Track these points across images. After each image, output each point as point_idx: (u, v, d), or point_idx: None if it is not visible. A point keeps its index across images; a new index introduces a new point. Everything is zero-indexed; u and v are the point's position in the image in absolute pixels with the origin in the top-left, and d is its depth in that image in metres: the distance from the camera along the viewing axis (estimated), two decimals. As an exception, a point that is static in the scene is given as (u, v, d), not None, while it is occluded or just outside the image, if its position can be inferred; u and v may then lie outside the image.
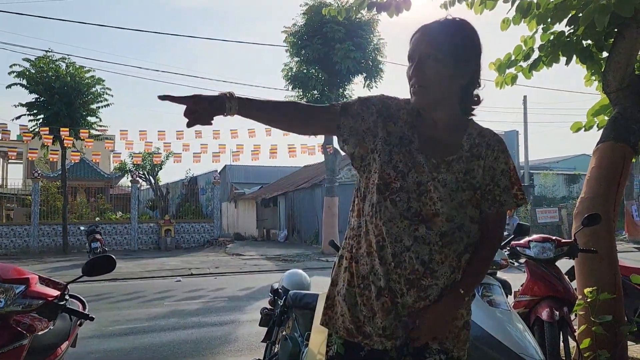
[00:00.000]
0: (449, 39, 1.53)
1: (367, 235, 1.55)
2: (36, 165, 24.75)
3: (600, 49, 3.86)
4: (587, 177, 3.69)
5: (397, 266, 1.49)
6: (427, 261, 1.48)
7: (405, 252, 1.48)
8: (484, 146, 1.58)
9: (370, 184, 1.55)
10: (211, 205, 23.47)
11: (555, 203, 23.05)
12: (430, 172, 1.52)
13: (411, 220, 1.49)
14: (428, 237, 1.48)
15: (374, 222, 1.52)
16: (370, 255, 1.53)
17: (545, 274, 3.39)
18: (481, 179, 1.56)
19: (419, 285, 1.49)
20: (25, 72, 18.35)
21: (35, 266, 14.09)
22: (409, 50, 1.58)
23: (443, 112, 1.58)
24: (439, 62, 1.50)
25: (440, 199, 1.49)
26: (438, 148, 1.56)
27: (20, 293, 2.01)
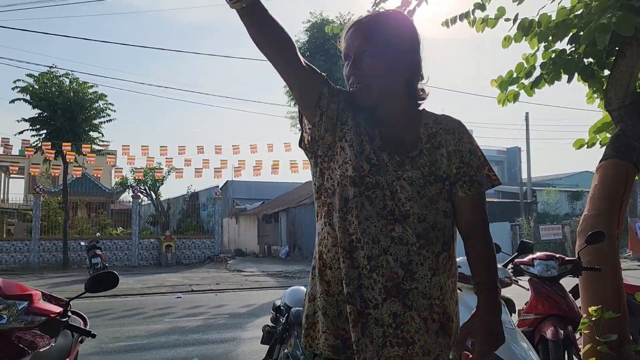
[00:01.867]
0: (382, 31, 1.46)
1: (336, 233, 1.42)
2: (38, 180, 24.79)
3: (602, 67, 3.89)
4: (590, 195, 3.68)
5: (373, 270, 1.37)
6: (406, 263, 1.38)
7: (382, 255, 1.37)
8: (442, 132, 1.50)
9: (340, 177, 1.43)
10: (212, 221, 23.44)
11: (558, 220, 22.98)
12: (395, 170, 1.43)
13: (387, 219, 1.39)
14: (405, 237, 1.38)
15: (347, 219, 1.40)
16: (337, 256, 1.42)
17: (549, 292, 3.37)
18: (447, 168, 1.47)
19: (399, 291, 1.37)
20: (29, 88, 18.49)
21: (35, 282, 14.02)
22: (344, 48, 1.50)
23: (393, 108, 1.50)
24: (374, 57, 1.44)
25: (408, 199, 1.40)
26: (399, 145, 1.48)
27: (23, 309, 2.00)
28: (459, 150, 1.48)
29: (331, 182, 1.46)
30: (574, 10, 3.65)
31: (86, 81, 19.32)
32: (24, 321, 2.00)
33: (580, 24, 3.57)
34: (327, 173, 1.47)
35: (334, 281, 1.43)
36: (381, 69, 1.44)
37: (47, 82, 18.70)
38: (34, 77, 18.59)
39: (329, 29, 4.80)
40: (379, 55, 1.44)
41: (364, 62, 1.45)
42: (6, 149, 18.28)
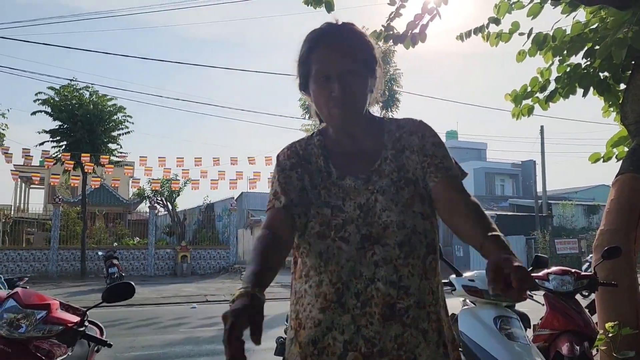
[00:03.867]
0: (360, 49, 1.43)
1: (319, 289, 1.35)
2: (57, 191, 25.17)
3: (618, 81, 3.87)
4: (606, 209, 3.65)
5: (365, 305, 1.31)
6: (396, 281, 1.31)
7: (370, 284, 1.31)
8: (406, 135, 1.47)
9: (309, 235, 1.38)
10: (227, 232, 23.55)
11: (574, 234, 22.66)
12: (365, 188, 1.39)
13: (364, 247, 1.33)
14: (387, 254, 1.32)
15: (330, 270, 1.34)
16: (326, 310, 1.33)
17: (564, 307, 3.34)
18: (414, 169, 1.43)
19: (395, 312, 1.31)
20: (50, 100, 18.85)
21: (53, 291, 14.18)
22: (319, 65, 1.40)
23: (360, 125, 1.47)
24: (358, 77, 1.40)
25: (384, 209, 1.36)
26: (360, 161, 1.44)
27: (41, 319, 2.04)
28: (423, 145, 1.45)
29: (303, 244, 1.41)
30: (589, 24, 3.66)
31: (105, 94, 19.67)
32: (42, 330, 2.05)
33: (596, 38, 3.57)
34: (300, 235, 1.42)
35: (304, 342, 1.35)
36: (363, 89, 1.41)
37: (68, 95, 19.05)
38: (55, 90, 18.96)
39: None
40: (359, 74, 1.41)
41: (348, 82, 1.38)
42: (27, 160, 18.61)
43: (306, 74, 1.46)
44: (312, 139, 1.54)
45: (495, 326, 2.97)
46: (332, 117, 1.43)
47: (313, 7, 4.00)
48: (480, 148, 40.09)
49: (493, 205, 28.30)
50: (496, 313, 3.07)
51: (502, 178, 38.68)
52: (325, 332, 1.33)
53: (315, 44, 1.43)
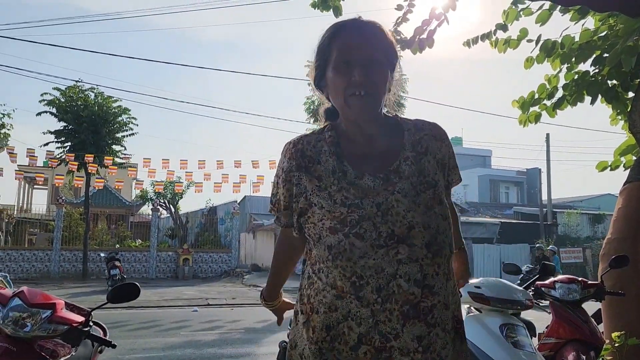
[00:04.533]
0: (383, 42, 1.41)
1: (330, 280, 1.33)
2: (60, 192, 25.23)
3: (626, 89, 3.85)
4: (613, 218, 3.63)
5: (386, 300, 1.28)
6: (421, 279, 1.29)
7: (392, 280, 1.28)
8: (428, 139, 1.45)
9: (319, 230, 1.36)
10: (230, 236, 23.54)
11: (579, 243, 22.56)
12: (384, 188, 1.35)
13: (388, 246, 1.29)
14: (414, 254, 1.30)
15: (339, 265, 1.31)
16: (342, 298, 1.31)
17: (571, 316, 3.31)
18: (436, 174, 1.42)
19: (419, 311, 1.29)
20: (55, 101, 18.92)
21: (55, 291, 14.20)
22: (341, 51, 1.38)
23: (376, 122, 1.44)
24: (380, 67, 1.38)
25: (408, 210, 1.32)
26: (377, 160, 1.41)
27: (47, 318, 2.03)
28: (446, 156, 1.47)
29: (313, 233, 1.39)
30: (598, 32, 3.65)
31: (111, 95, 19.73)
32: (47, 330, 2.04)
33: (605, 46, 3.56)
34: (310, 226, 1.40)
35: (318, 327, 1.34)
36: (385, 81, 1.39)
37: (73, 96, 19.12)
38: (61, 91, 19.03)
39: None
40: (385, 65, 1.39)
41: (374, 71, 1.36)
42: (31, 160, 18.66)
43: (324, 64, 1.42)
44: (322, 134, 1.47)
45: (502, 334, 2.95)
46: (351, 106, 1.37)
47: (320, 11, 4.00)
48: (485, 155, 40.06)
49: (497, 213, 28.22)
50: (502, 321, 3.05)
51: (506, 185, 38.61)
52: (340, 320, 1.31)
53: (339, 30, 1.40)
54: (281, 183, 1.45)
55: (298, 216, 1.43)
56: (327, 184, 1.38)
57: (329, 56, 1.40)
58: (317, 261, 1.38)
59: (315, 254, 1.37)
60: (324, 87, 1.47)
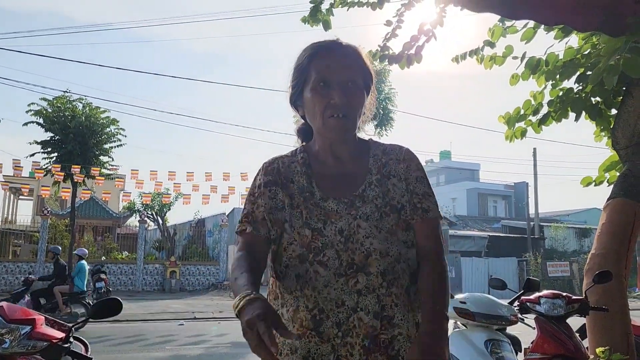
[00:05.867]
0: (360, 64, 1.42)
1: (295, 314, 1.30)
2: (46, 203, 24.93)
3: (609, 107, 3.91)
4: (597, 233, 3.66)
5: (347, 335, 1.25)
6: (379, 311, 1.27)
7: (352, 314, 1.26)
8: (393, 163, 1.44)
9: (288, 257, 1.34)
10: (218, 248, 23.37)
11: (566, 257, 22.72)
12: (348, 213, 1.34)
13: (347, 275, 1.28)
14: (370, 283, 1.27)
15: (305, 295, 1.29)
16: (301, 338, 1.28)
17: (555, 331, 3.32)
18: (400, 197, 1.39)
19: (379, 345, 1.26)
20: (42, 111, 18.76)
21: (38, 304, 13.96)
22: (320, 72, 1.36)
23: (348, 145, 1.44)
24: (357, 89, 1.38)
25: (367, 236, 1.31)
26: (344, 184, 1.40)
27: (26, 334, 2.00)
28: (407, 178, 1.42)
29: (278, 266, 1.37)
30: (581, 50, 3.71)
31: (99, 106, 19.60)
32: (26, 346, 2.00)
33: (588, 64, 3.62)
34: (277, 257, 1.37)
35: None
36: (361, 103, 1.39)
37: (61, 106, 18.98)
38: (48, 101, 18.89)
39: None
40: (360, 87, 1.39)
41: (351, 92, 1.36)
42: (16, 171, 18.45)
43: (301, 83, 1.41)
44: (295, 155, 1.48)
45: (487, 350, 2.96)
46: (329, 128, 1.37)
47: (310, 25, 4.03)
48: (473, 169, 40.36)
49: (485, 227, 28.37)
50: (487, 336, 3.05)
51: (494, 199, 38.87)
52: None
53: (318, 51, 1.40)
54: (258, 197, 1.42)
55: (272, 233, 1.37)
56: (298, 202, 1.38)
57: (307, 76, 1.39)
58: (281, 293, 1.35)
59: (281, 286, 1.35)
60: (299, 107, 1.46)
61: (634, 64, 2.71)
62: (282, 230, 1.37)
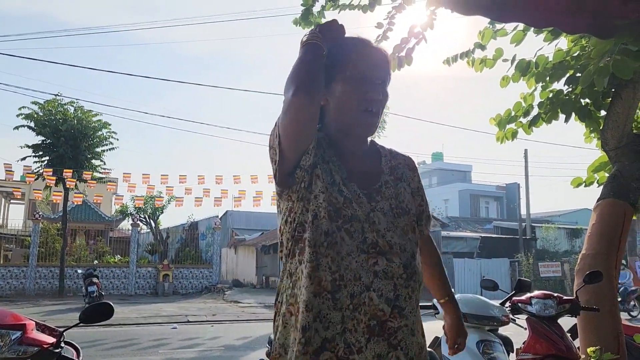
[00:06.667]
0: (389, 69, 1.50)
1: (315, 272, 1.29)
2: (37, 207, 24.75)
3: (598, 108, 3.94)
4: (587, 234, 3.69)
5: (356, 310, 1.27)
6: (392, 299, 1.29)
7: (364, 292, 1.28)
8: (402, 168, 1.52)
9: (316, 208, 1.33)
10: (211, 251, 23.30)
11: (557, 257, 22.84)
12: (368, 202, 1.38)
13: (368, 253, 1.31)
14: (390, 270, 1.31)
15: (329, 255, 1.29)
16: (317, 297, 1.27)
17: (547, 331, 3.34)
18: (410, 202, 1.46)
19: (385, 330, 1.28)
20: (34, 115, 18.65)
21: (30, 309, 13.88)
22: (360, 65, 1.41)
23: (365, 140, 1.50)
24: (386, 90, 1.46)
25: (387, 230, 1.35)
26: (363, 177, 1.43)
27: (16, 339, 1.99)
28: (418, 187, 1.53)
29: (306, 216, 1.34)
30: (570, 52, 3.73)
31: (90, 109, 19.52)
32: (17, 351, 1.99)
33: (577, 66, 3.65)
34: (302, 208, 1.36)
35: (300, 327, 1.29)
36: (386, 104, 1.47)
37: (52, 110, 18.88)
38: (39, 105, 18.79)
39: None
40: (387, 89, 1.47)
41: (383, 92, 1.44)
42: (8, 175, 18.32)
43: (332, 71, 1.41)
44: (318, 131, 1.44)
45: (478, 350, 2.97)
46: (360, 121, 1.41)
47: (302, 28, 4.04)
48: (465, 170, 40.52)
49: (477, 228, 28.45)
50: (479, 337, 3.06)
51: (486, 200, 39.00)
52: (311, 321, 1.27)
53: (357, 46, 1.44)
54: None
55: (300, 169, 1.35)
56: (331, 166, 1.40)
57: (343, 67, 1.41)
58: (306, 247, 1.32)
59: (308, 237, 1.32)
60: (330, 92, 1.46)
61: (624, 65, 2.74)
62: (313, 180, 1.36)
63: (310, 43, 1.34)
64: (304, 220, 1.35)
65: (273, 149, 1.35)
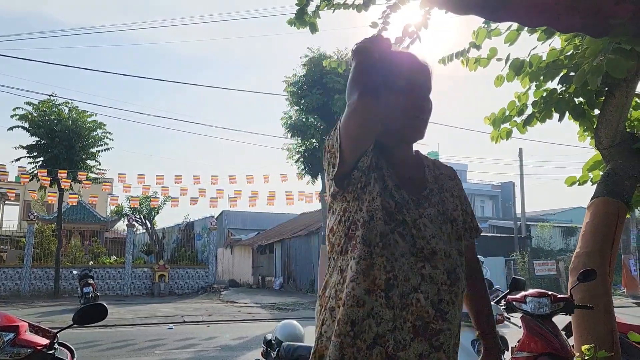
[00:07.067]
0: (431, 82, 1.58)
1: (369, 270, 1.35)
2: (32, 207, 24.65)
3: (592, 107, 3.95)
4: (581, 232, 3.70)
5: (404, 309, 1.33)
6: (436, 302, 1.35)
7: (412, 292, 1.34)
8: (445, 178, 1.59)
9: (373, 210, 1.40)
10: (207, 251, 23.27)
11: (552, 255, 22.92)
12: (416, 208, 1.45)
13: (417, 257, 1.37)
14: (435, 276, 1.37)
15: (384, 255, 1.35)
16: (371, 294, 1.33)
17: (542, 330, 3.35)
18: (453, 211, 1.53)
19: (428, 331, 1.33)
20: (28, 116, 18.57)
21: (25, 310, 13.82)
22: (417, 79, 1.52)
23: (411, 148, 1.58)
24: (430, 99, 1.56)
25: (433, 236, 1.41)
26: (412, 184, 1.50)
27: (9, 341, 1.98)
28: (460, 197, 1.58)
29: (361, 214, 1.41)
30: (564, 51, 3.74)
31: (85, 110, 19.44)
32: (10, 353, 1.98)
33: (571, 65, 3.66)
34: (356, 207, 1.43)
35: (344, 320, 1.34)
36: (431, 110, 1.56)
37: (47, 110, 18.80)
38: (33, 105, 18.70)
39: (327, 63, 4.88)
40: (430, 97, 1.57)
41: (430, 103, 1.54)
42: (2, 176, 18.23)
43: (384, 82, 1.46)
44: None
45: (473, 349, 2.98)
46: (411, 127, 1.51)
47: (297, 28, 4.03)
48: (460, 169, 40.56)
49: (472, 226, 28.46)
50: (474, 336, 3.07)
51: (482, 199, 39.11)
52: (364, 317, 1.33)
53: (406, 57, 1.55)
54: None
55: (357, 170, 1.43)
56: (383, 171, 1.47)
57: (394, 78, 1.48)
58: (358, 244, 1.38)
59: (362, 236, 1.38)
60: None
61: (618, 64, 2.75)
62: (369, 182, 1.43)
63: (362, 49, 1.39)
64: (357, 219, 1.41)
65: (331, 152, 1.43)
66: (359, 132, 1.35)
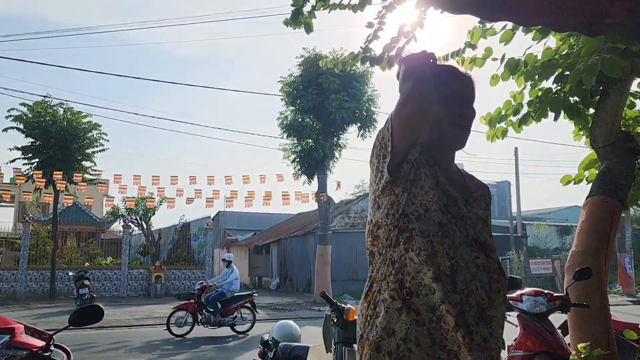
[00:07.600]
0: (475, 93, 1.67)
1: (431, 259, 1.39)
2: (28, 209, 24.55)
3: (587, 106, 3.97)
4: (577, 231, 3.71)
5: (469, 295, 1.39)
6: (488, 290, 1.43)
7: (472, 280, 1.41)
8: (481, 191, 1.67)
9: (427, 202, 1.45)
10: (203, 252, 23.23)
11: (548, 254, 22.98)
12: (465, 205, 1.53)
13: (471, 247, 1.45)
14: (488, 265, 1.45)
15: (445, 242, 1.41)
16: (438, 281, 1.38)
17: (538, 328, 3.36)
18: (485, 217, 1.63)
19: (484, 317, 1.40)
20: (23, 117, 18.50)
21: (21, 312, 13.76)
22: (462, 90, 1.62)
23: (454, 155, 1.66)
24: (474, 108, 1.65)
25: (481, 231, 1.52)
26: (457, 185, 1.59)
27: (5, 343, 1.97)
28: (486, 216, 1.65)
29: (414, 207, 1.46)
30: (559, 51, 3.76)
31: (80, 111, 19.38)
32: (5, 355, 1.98)
33: (566, 64, 3.67)
34: (406, 200, 1.47)
35: (423, 309, 1.40)
36: (474, 118, 1.64)
37: (41, 111, 18.73)
38: (28, 106, 18.63)
39: (322, 63, 4.88)
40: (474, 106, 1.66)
41: (474, 112, 1.63)
42: (-3, 177, 18.15)
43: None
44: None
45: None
46: (457, 134, 1.59)
47: (292, 28, 4.03)
48: (456, 169, 40.62)
49: (468, 226, 28.54)
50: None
51: (477, 198, 39.11)
52: (439, 303, 1.39)
53: (451, 70, 1.65)
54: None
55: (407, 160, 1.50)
56: (437, 170, 1.54)
57: (440, 88, 1.55)
58: (415, 236, 1.43)
59: (418, 227, 1.43)
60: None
61: (613, 63, 2.76)
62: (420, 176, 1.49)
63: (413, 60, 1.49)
64: (409, 212, 1.46)
65: (382, 144, 1.51)
66: (411, 117, 1.44)
